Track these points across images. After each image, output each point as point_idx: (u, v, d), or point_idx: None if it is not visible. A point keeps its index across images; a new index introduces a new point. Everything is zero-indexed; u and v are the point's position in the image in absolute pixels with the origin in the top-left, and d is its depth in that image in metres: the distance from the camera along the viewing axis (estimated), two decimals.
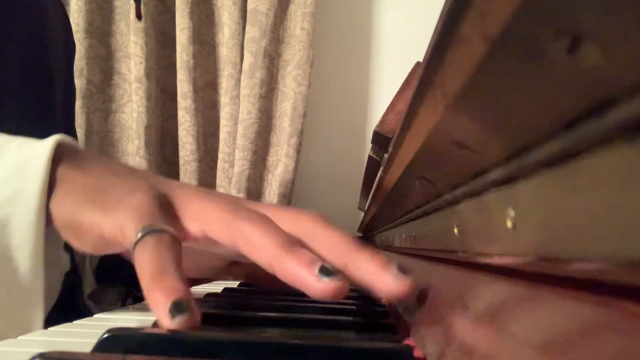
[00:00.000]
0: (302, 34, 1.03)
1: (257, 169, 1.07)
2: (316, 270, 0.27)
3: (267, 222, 0.30)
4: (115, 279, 0.53)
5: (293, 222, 0.32)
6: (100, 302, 0.52)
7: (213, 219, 0.31)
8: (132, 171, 0.35)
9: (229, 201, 0.33)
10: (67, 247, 0.38)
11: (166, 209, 0.32)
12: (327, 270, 0.27)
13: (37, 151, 0.33)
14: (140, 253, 0.28)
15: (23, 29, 0.52)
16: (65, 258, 0.36)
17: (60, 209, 0.32)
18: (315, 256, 0.28)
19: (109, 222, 0.30)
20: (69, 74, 0.64)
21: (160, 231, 0.29)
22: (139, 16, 0.97)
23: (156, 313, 0.26)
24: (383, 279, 0.28)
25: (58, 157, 0.34)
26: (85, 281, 0.50)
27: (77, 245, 0.33)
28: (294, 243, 0.29)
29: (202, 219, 0.32)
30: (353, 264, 0.29)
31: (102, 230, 0.31)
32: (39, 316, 0.33)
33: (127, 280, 0.53)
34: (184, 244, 0.31)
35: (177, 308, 0.25)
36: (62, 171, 0.33)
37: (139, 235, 0.29)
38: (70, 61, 0.65)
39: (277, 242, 0.29)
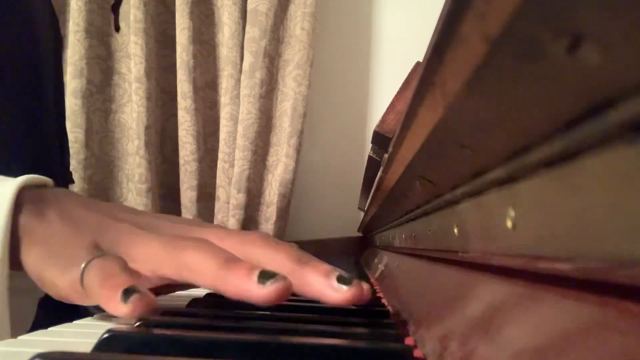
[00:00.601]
0: (302, 34, 1.03)
1: (257, 169, 1.07)
2: (255, 277, 0.27)
3: (205, 246, 0.31)
4: None
5: (237, 245, 0.33)
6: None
7: (157, 258, 0.32)
8: (86, 215, 0.36)
9: (169, 237, 0.34)
10: None
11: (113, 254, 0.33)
12: (266, 274, 0.27)
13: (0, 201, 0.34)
14: (86, 277, 0.30)
15: (10, 20, 0.52)
16: (40, 291, 0.37)
17: (28, 262, 0.34)
18: (253, 265, 0.28)
19: (62, 281, 0.32)
20: (57, 69, 0.64)
21: (101, 257, 0.31)
22: (117, 28, 0.97)
23: (113, 309, 0.27)
24: (325, 290, 0.29)
25: (20, 203, 0.35)
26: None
27: (45, 291, 0.34)
28: (232, 259, 0.30)
29: (148, 261, 0.33)
30: (298, 278, 0.30)
31: (57, 288, 0.33)
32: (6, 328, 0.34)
33: None
34: (142, 282, 0.31)
35: (126, 294, 0.26)
36: (23, 221, 0.35)
37: (83, 267, 0.30)
38: (59, 56, 0.65)
39: (217, 263, 0.29)
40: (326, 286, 0.29)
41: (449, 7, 0.13)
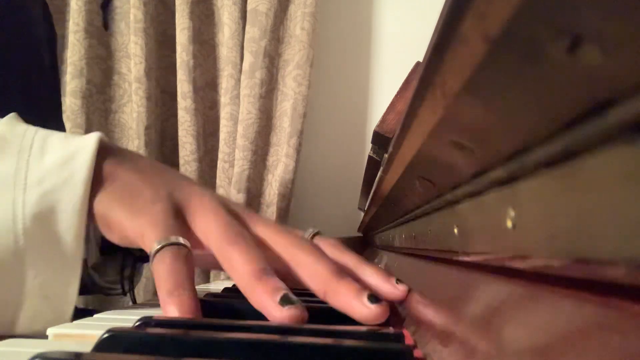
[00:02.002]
0: (302, 34, 1.03)
1: (257, 169, 1.07)
2: (278, 298, 0.30)
3: (250, 250, 0.34)
4: (118, 249, 0.54)
5: (287, 248, 0.36)
6: (104, 275, 0.53)
7: (211, 237, 0.36)
8: (158, 173, 0.39)
9: (229, 221, 0.37)
10: None
11: (181, 221, 0.36)
12: (287, 299, 0.30)
13: (83, 145, 0.37)
14: (158, 264, 0.32)
15: (4, 22, 0.53)
16: (98, 237, 0.41)
17: (98, 203, 0.37)
18: (280, 285, 0.32)
19: (132, 225, 0.35)
20: (52, 62, 0.64)
21: (177, 245, 0.33)
22: (105, 26, 0.98)
23: (165, 313, 0.30)
24: (356, 309, 0.31)
25: (100, 151, 0.38)
26: (89, 252, 0.51)
27: (109, 237, 0.37)
28: (266, 272, 0.33)
29: (205, 234, 0.36)
30: (331, 292, 0.33)
31: (125, 230, 0.36)
32: (74, 296, 0.37)
33: (126, 251, 0.57)
34: (194, 252, 0.35)
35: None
36: (104, 167, 0.37)
37: (158, 246, 0.33)
38: (53, 48, 0.66)
39: (252, 270, 0.32)
40: (357, 302, 0.31)
41: (449, 7, 0.13)
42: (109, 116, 1.13)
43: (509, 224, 0.16)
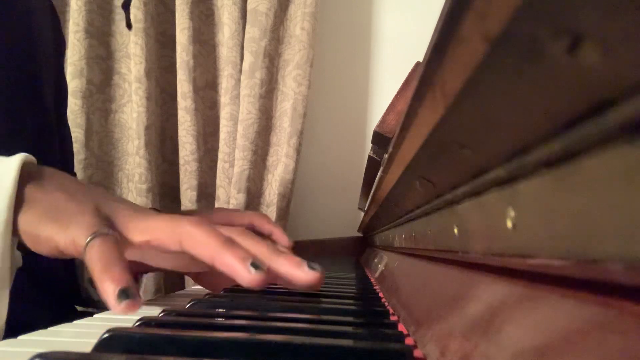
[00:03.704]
0: (302, 34, 1.03)
1: (257, 169, 1.07)
2: (248, 264, 0.34)
3: (207, 225, 0.37)
4: None
5: (228, 231, 0.38)
6: None
7: (156, 229, 0.38)
8: (82, 191, 0.40)
9: (167, 214, 0.39)
10: None
11: (110, 224, 0.38)
12: (256, 265, 0.34)
13: (4, 170, 0.38)
14: (89, 251, 0.34)
15: (9, 25, 0.53)
16: (19, 255, 0.40)
17: (24, 222, 0.38)
18: (247, 253, 0.35)
19: (62, 237, 0.36)
20: (59, 72, 0.64)
21: (105, 234, 0.35)
22: (129, 26, 0.98)
23: (107, 299, 0.31)
24: (295, 273, 0.37)
25: (22, 175, 0.39)
26: (86, 266, 0.52)
27: (37, 251, 0.38)
28: (231, 241, 0.36)
29: (145, 231, 0.38)
30: (274, 263, 0.37)
31: (57, 243, 0.36)
32: (3, 312, 0.38)
33: None
34: (128, 254, 0.36)
35: (124, 294, 0.31)
36: (25, 190, 0.38)
37: (88, 239, 0.34)
38: (60, 57, 0.66)
39: (218, 241, 0.36)
40: (297, 269, 0.37)
41: (449, 7, 0.13)
42: (109, 116, 1.13)
43: (509, 224, 0.16)
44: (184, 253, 0.37)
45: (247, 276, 0.34)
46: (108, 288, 0.31)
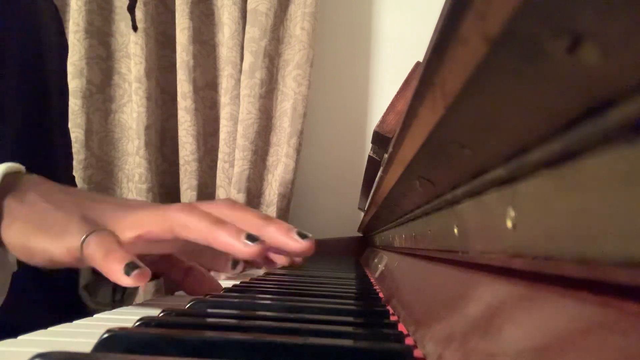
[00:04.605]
0: (302, 34, 1.03)
1: (257, 169, 1.07)
2: (243, 237, 0.35)
3: (194, 208, 0.38)
4: None
5: (213, 210, 0.39)
6: (95, 295, 0.53)
7: (145, 222, 0.38)
8: (67, 199, 0.41)
9: (153, 206, 0.40)
10: None
11: (100, 226, 0.38)
12: (251, 237, 0.35)
13: None
14: (86, 248, 0.35)
15: (18, 33, 0.53)
16: (13, 259, 0.40)
17: (12, 234, 0.38)
18: (240, 228, 0.36)
19: (57, 246, 0.37)
20: (62, 76, 0.64)
21: (98, 230, 0.36)
22: (134, 27, 0.99)
23: (115, 278, 0.32)
24: (288, 242, 0.37)
25: (5, 187, 0.39)
26: (82, 272, 0.51)
27: (30, 262, 0.39)
28: (222, 220, 0.37)
29: (135, 226, 0.38)
30: (266, 233, 0.37)
31: (51, 254, 0.37)
32: None
33: None
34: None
35: (130, 267, 0.32)
36: (9, 202, 0.39)
37: (82, 240, 0.35)
38: (63, 62, 0.66)
39: (209, 220, 0.36)
40: (289, 238, 0.37)
41: (449, 7, 0.13)
42: (109, 116, 1.13)
43: (509, 224, 0.16)
44: (177, 239, 0.38)
45: (245, 250, 0.35)
46: (114, 267, 0.32)
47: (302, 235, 0.38)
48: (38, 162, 0.55)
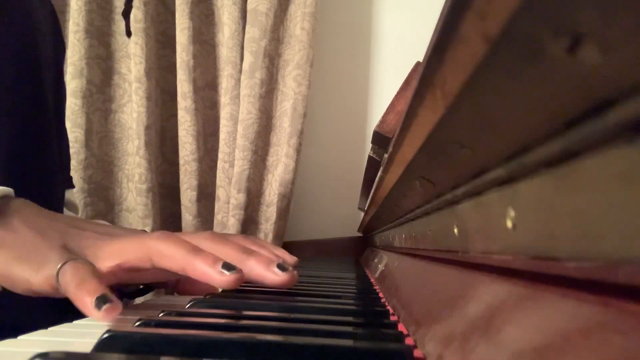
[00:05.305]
0: (302, 34, 1.03)
1: (257, 169, 1.07)
2: (219, 267, 0.35)
3: (171, 237, 0.38)
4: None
5: (193, 240, 0.39)
6: None
7: (124, 251, 0.38)
8: (50, 225, 0.41)
9: (132, 235, 0.40)
10: None
11: (79, 256, 0.38)
12: (228, 266, 0.35)
13: None
14: (62, 277, 0.34)
15: (11, 27, 0.53)
16: None
17: None
18: (216, 257, 0.36)
19: (36, 278, 0.36)
20: (58, 73, 0.64)
21: (74, 259, 0.36)
22: (128, 34, 0.98)
23: (86, 312, 0.31)
24: (266, 275, 0.39)
25: None
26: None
27: (12, 290, 0.39)
28: (198, 248, 0.37)
29: (114, 256, 0.38)
30: (244, 267, 0.38)
31: (31, 284, 0.37)
32: None
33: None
34: (103, 281, 0.36)
35: (101, 300, 0.31)
36: None
37: (58, 268, 0.35)
38: (60, 63, 0.66)
39: (185, 250, 0.36)
40: (268, 271, 0.39)
41: (449, 7, 0.13)
42: (109, 116, 1.13)
43: (509, 224, 0.16)
44: (157, 269, 0.37)
45: (221, 279, 0.35)
46: (85, 300, 0.31)
47: (282, 269, 0.39)
48: (32, 164, 0.55)
